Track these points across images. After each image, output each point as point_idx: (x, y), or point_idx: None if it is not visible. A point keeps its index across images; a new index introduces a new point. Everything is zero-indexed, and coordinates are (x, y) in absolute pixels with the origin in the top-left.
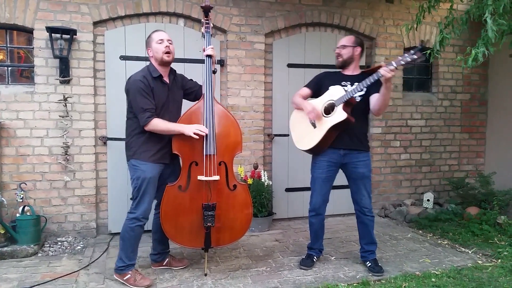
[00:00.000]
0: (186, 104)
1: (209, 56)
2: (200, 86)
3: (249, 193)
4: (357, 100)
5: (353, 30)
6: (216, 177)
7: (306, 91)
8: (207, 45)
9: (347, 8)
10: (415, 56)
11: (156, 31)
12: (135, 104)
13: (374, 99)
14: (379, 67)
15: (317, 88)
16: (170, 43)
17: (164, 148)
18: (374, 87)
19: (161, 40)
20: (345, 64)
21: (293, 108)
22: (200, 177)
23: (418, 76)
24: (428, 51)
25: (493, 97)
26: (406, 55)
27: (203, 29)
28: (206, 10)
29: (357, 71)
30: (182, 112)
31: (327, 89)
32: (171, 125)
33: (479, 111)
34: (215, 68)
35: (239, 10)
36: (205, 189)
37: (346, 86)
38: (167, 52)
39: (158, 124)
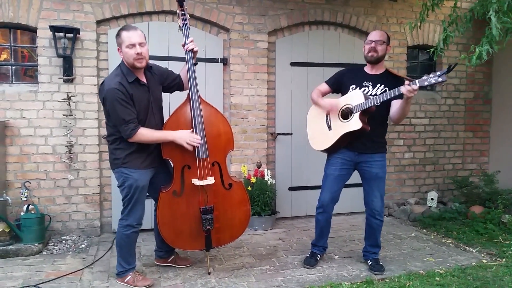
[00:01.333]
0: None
1: (191, 50)
2: (179, 76)
3: (245, 189)
4: (377, 105)
5: (356, 28)
6: (212, 180)
7: (326, 87)
8: (187, 38)
9: (350, 6)
10: (440, 79)
11: (125, 29)
12: (115, 116)
13: (395, 108)
14: (403, 78)
15: (337, 86)
16: (142, 46)
17: (153, 152)
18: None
19: (132, 45)
20: (377, 61)
21: (296, 106)
22: (195, 182)
23: (422, 75)
24: (432, 49)
25: (497, 96)
26: (431, 76)
27: (179, 22)
28: (181, 0)
29: (381, 70)
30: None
31: (348, 87)
32: (159, 133)
33: (483, 109)
34: (196, 61)
35: (242, 9)
36: (201, 192)
37: (367, 87)
38: (139, 59)
39: (145, 135)
